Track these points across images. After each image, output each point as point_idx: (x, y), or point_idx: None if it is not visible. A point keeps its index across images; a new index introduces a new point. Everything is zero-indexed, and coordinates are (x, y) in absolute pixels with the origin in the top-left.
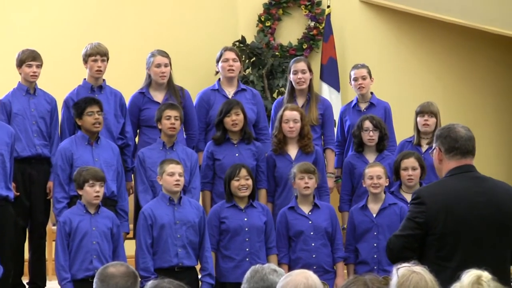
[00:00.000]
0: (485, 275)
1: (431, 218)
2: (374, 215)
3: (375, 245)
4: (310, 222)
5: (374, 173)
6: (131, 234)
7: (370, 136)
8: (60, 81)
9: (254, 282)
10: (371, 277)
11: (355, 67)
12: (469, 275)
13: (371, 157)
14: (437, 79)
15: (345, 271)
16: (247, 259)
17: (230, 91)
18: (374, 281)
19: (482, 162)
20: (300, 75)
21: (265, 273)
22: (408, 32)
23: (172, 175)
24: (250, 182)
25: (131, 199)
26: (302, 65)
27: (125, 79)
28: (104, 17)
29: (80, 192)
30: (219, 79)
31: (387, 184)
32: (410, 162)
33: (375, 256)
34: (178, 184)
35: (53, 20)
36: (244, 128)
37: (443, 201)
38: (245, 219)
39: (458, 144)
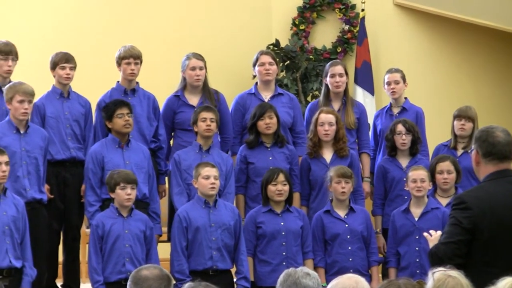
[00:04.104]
0: None
1: (477, 223)
2: (416, 219)
3: (417, 249)
4: (346, 225)
5: (418, 176)
6: (163, 237)
7: (403, 140)
8: (95, 83)
9: (287, 285)
10: (405, 281)
11: (389, 71)
12: (506, 282)
13: (404, 161)
14: (471, 83)
15: (380, 274)
16: (284, 263)
17: (266, 95)
18: (408, 285)
19: None
20: (337, 79)
21: (298, 276)
22: (442, 35)
23: (208, 178)
24: (287, 187)
25: (163, 202)
26: (339, 69)
27: (158, 82)
28: (139, 20)
29: (112, 195)
30: (256, 83)
31: (430, 188)
32: (446, 165)
33: (417, 260)
34: (214, 187)
35: (87, 22)
36: (277, 131)
37: (486, 206)
38: (282, 224)
39: (496, 150)
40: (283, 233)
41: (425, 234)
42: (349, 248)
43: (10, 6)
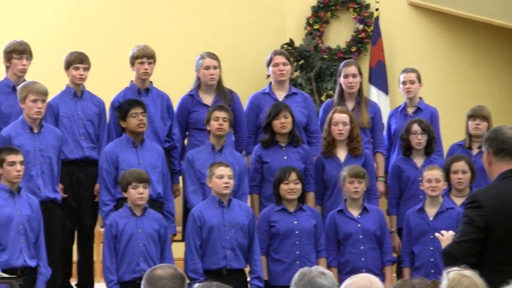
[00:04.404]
0: None
1: (490, 221)
2: (431, 219)
3: (431, 248)
4: (359, 225)
5: (433, 176)
6: (178, 236)
7: (419, 139)
8: (109, 83)
9: (302, 285)
10: (419, 280)
11: (405, 70)
12: None
13: (419, 160)
14: (485, 83)
15: (395, 274)
16: (297, 262)
17: (281, 95)
18: (422, 284)
19: None
20: (351, 79)
21: (313, 276)
22: (456, 35)
23: (221, 177)
24: (299, 186)
25: (178, 201)
26: (353, 69)
27: (172, 82)
28: (153, 20)
29: (124, 195)
30: (270, 82)
31: (445, 188)
32: (461, 165)
33: (432, 259)
34: (227, 187)
35: (102, 22)
36: (292, 131)
37: (499, 204)
38: (295, 222)
39: (506, 145)
40: (296, 232)
41: (437, 234)
42: (362, 248)
43: (24, 5)
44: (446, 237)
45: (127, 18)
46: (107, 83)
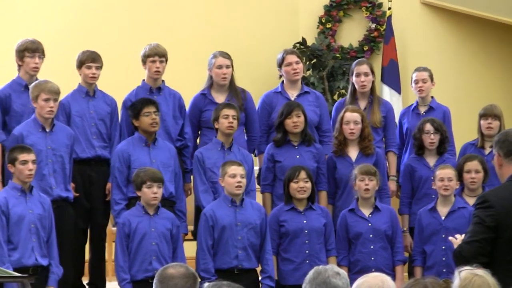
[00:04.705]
0: None
1: (501, 221)
2: (443, 218)
3: (443, 247)
4: (369, 224)
5: (445, 175)
6: (189, 235)
7: (431, 139)
8: (121, 82)
9: (316, 284)
10: (431, 280)
11: (417, 69)
12: None
13: (431, 160)
14: (498, 82)
15: (406, 273)
16: (307, 261)
17: (293, 94)
18: (434, 284)
19: None
20: (363, 78)
21: (328, 275)
22: (469, 34)
23: (234, 176)
24: (309, 184)
25: (189, 200)
26: (364, 68)
27: (184, 81)
28: (165, 18)
29: (138, 193)
30: (282, 81)
31: (457, 187)
32: (474, 165)
33: (444, 259)
34: (240, 186)
35: (113, 20)
36: (304, 130)
37: (510, 205)
38: (304, 222)
39: None
40: (306, 231)
41: (450, 238)
42: (372, 247)
43: (36, 4)
44: (459, 240)
45: (139, 17)
46: (119, 82)
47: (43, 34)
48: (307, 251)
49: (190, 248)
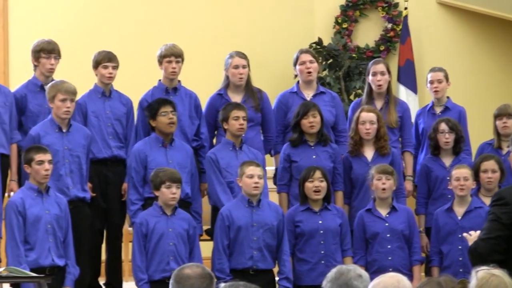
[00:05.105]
0: None
1: None
2: (459, 218)
3: (460, 247)
4: (386, 224)
5: (461, 174)
6: (205, 235)
7: (446, 138)
8: (137, 82)
9: (337, 285)
10: (445, 278)
11: (432, 70)
12: None
13: (447, 160)
14: None
15: (423, 273)
16: (323, 262)
17: (308, 94)
18: (448, 281)
19: None
20: (379, 77)
21: (350, 277)
22: (485, 34)
23: (252, 177)
24: (324, 184)
25: (205, 200)
26: (381, 67)
27: (200, 81)
28: (181, 19)
29: (156, 194)
30: (298, 81)
31: (473, 187)
32: (490, 164)
33: (460, 259)
34: (257, 187)
35: (130, 21)
36: (321, 130)
37: None
38: (320, 222)
39: None
40: (322, 232)
41: (464, 234)
42: (389, 247)
43: (52, 4)
44: (473, 236)
45: (155, 17)
46: (135, 82)
47: (59, 34)
48: (322, 252)
49: (205, 248)
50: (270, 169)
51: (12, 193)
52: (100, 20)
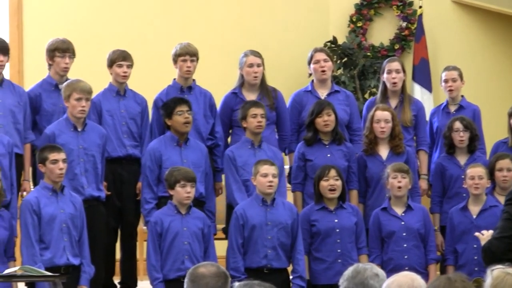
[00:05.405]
0: None
1: None
2: (474, 216)
3: (475, 246)
4: (402, 223)
5: (476, 173)
6: (219, 234)
7: (461, 137)
8: (151, 81)
9: (354, 284)
10: (455, 274)
11: (446, 68)
12: None
13: (462, 158)
14: None
15: (438, 272)
16: (339, 260)
17: (323, 93)
18: (457, 277)
19: None
20: (394, 75)
21: (367, 276)
22: (500, 32)
23: (266, 176)
24: (339, 182)
25: (221, 199)
26: (396, 65)
27: (215, 80)
28: (195, 17)
29: (171, 193)
30: (312, 80)
31: (488, 186)
32: (505, 163)
33: (475, 257)
34: (271, 186)
35: (144, 20)
36: (335, 129)
37: None
38: (336, 221)
39: None
40: (337, 230)
41: (477, 233)
42: (405, 245)
43: (66, 3)
44: (486, 235)
45: (170, 16)
46: (150, 81)
47: (73, 33)
48: (339, 250)
49: (219, 247)
50: (285, 168)
51: (25, 193)
52: (114, 19)
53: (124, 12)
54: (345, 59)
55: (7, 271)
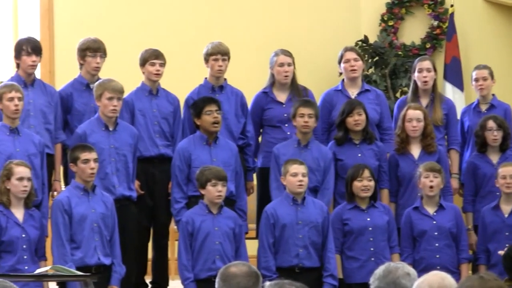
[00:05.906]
0: None
1: None
2: (506, 216)
3: (507, 245)
4: (434, 222)
5: (508, 172)
6: (251, 234)
7: (494, 136)
8: (183, 80)
9: (385, 283)
10: (487, 273)
11: (477, 67)
12: None
13: (494, 157)
14: None
15: (471, 271)
16: (372, 259)
17: (353, 92)
18: (490, 276)
19: None
20: (425, 73)
21: (398, 276)
22: None
23: (295, 175)
24: (372, 183)
25: (252, 199)
26: (427, 64)
27: (246, 79)
28: (227, 17)
29: (202, 192)
30: (343, 79)
31: None
32: None
33: None
34: (301, 185)
35: (176, 19)
36: (366, 128)
37: None
38: (368, 219)
39: None
40: (370, 229)
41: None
42: (436, 245)
43: (97, 3)
44: None
45: (201, 15)
46: (182, 80)
47: (104, 32)
48: (372, 249)
49: (251, 247)
50: None
51: (55, 193)
52: (146, 18)
53: (156, 12)
54: (377, 58)
55: (38, 271)
